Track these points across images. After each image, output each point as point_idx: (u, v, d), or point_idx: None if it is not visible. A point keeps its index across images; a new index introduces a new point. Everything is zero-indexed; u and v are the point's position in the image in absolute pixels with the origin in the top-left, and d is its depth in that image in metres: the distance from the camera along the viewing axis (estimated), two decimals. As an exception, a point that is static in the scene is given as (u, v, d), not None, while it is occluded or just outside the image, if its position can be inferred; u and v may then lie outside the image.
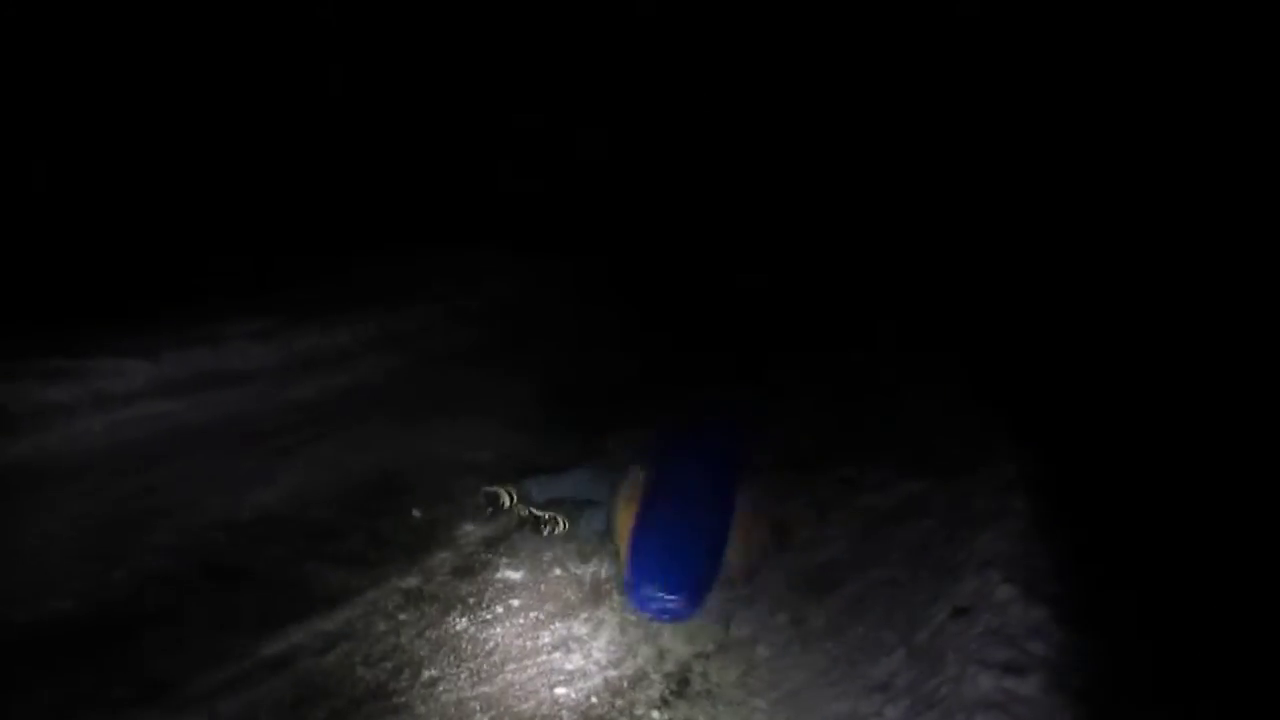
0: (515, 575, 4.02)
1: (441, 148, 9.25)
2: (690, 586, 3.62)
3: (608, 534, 4.16)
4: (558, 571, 4.08)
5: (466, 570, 4.03)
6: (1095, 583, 3.31)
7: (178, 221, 6.79)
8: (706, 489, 3.99)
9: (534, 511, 4.34)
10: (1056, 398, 5.42)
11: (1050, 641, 2.94)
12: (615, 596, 3.91)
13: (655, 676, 3.45)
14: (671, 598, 3.58)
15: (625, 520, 3.92)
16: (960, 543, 4.10)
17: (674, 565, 3.65)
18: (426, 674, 3.34)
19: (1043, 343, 6.13)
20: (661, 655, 3.58)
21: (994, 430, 5.27)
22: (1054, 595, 3.23)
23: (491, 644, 3.55)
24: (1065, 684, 2.70)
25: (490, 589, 3.91)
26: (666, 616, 3.64)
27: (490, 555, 4.16)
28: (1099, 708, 2.59)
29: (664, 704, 3.31)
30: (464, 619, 3.68)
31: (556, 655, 3.52)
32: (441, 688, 3.28)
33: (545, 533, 4.30)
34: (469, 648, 3.52)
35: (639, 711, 3.26)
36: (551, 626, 3.69)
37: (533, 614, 3.76)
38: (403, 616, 3.65)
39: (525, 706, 3.23)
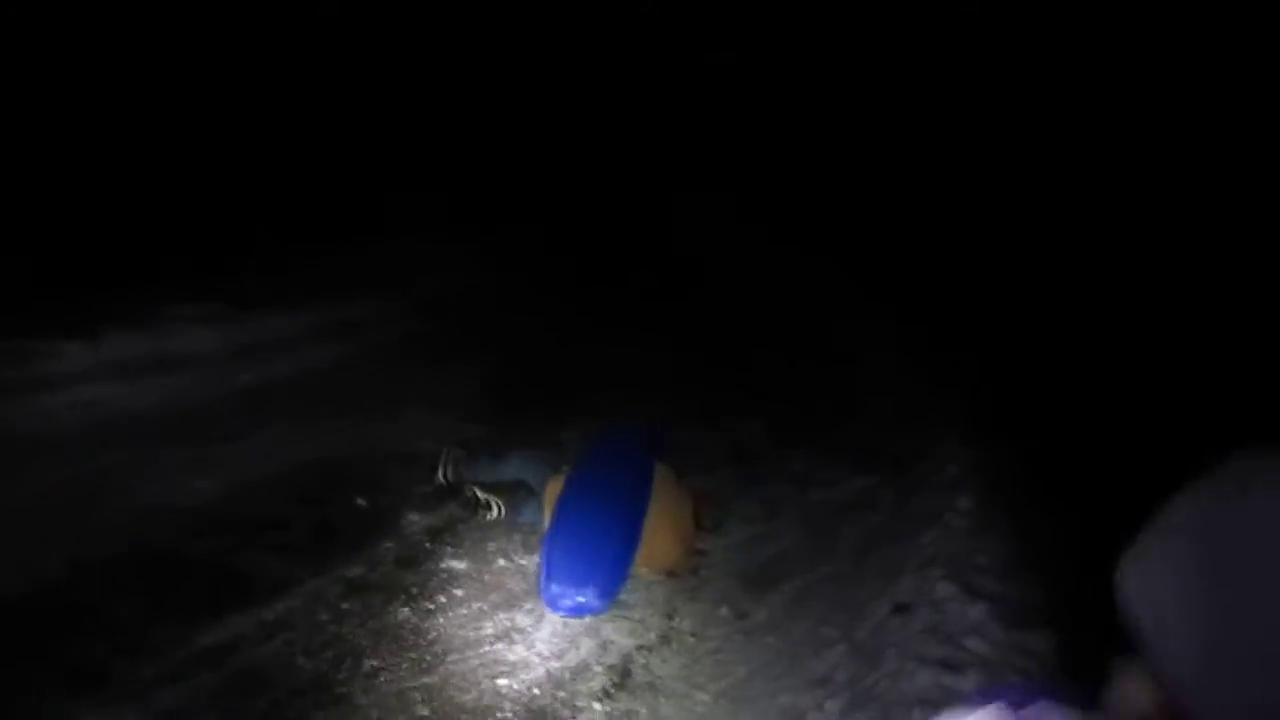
0: (459, 565, 4.02)
1: (396, 135, 9.16)
2: (598, 582, 3.63)
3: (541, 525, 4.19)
4: (501, 562, 4.08)
5: (410, 560, 4.01)
6: (1033, 582, 3.39)
7: (122, 203, 6.61)
8: (617, 487, 4.01)
9: (478, 493, 4.35)
10: (1005, 397, 5.51)
11: (987, 639, 3.01)
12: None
13: (598, 668, 3.47)
14: (580, 594, 3.61)
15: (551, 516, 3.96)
16: (904, 540, 4.18)
17: (581, 562, 3.67)
18: (368, 664, 3.33)
19: (997, 342, 6.22)
20: (604, 647, 3.60)
21: (943, 429, 5.37)
22: (992, 594, 3.30)
23: (434, 634, 3.55)
24: (1001, 681, 2.76)
25: (434, 579, 3.90)
26: (579, 613, 3.66)
27: (434, 545, 4.15)
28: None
29: (606, 696, 3.33)
30: (407, 609, 3.68)
31: (499, 646, 3.53)
32: (383, 678, 3.27)
33: (482, 516, 4.31)
34: (411, 638, 3.51)
35: (581, 703, 3.28)
36: (495, 617, 3.70)
37: (476, 604, 3.77)
38: (345, 606, 3.63)
39: (467, 697, 3.23)
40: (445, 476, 4.49)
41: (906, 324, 7.14)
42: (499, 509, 4.34)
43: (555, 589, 3.61)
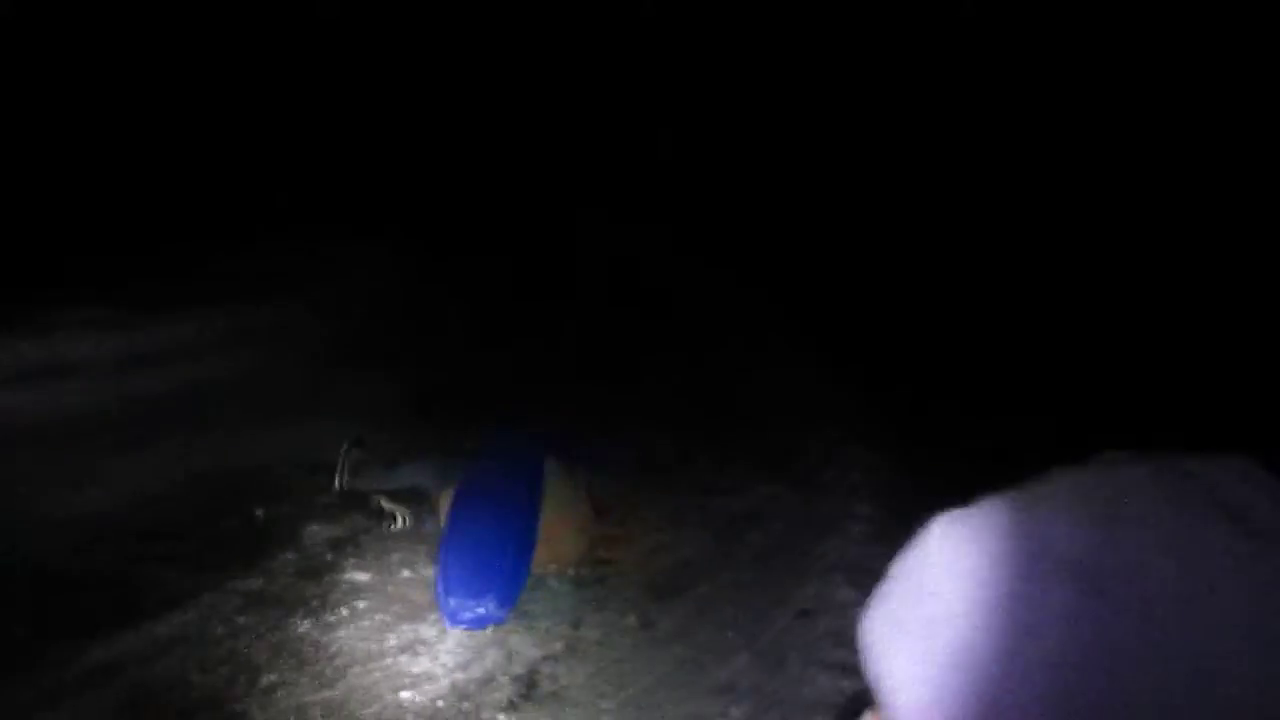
0: (361, 577, 3.94)
1: (312, 135, 8.98)
2: (497, 590, 3.60)
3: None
4: (405, 573, 4.02)
5: (311, 571, 3.93)
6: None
7: (9, 206, 6.34)
8: (509, 492, 3.97)
9: (383, 503, 4.30)
10: (902, 404, 5.65)
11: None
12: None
13: (503, 679, 3.45)
14: (480, 604, 3.57)
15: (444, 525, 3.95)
16: (806, 546, 4.26)
17: (476, 572, 3.62)
18: (265, 679, 3.25)
19: (895, 351, 6.38)
20: (510, 657, 3.58)
21: (842, 436, 5.48)
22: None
23: (335, 647, 3.48)
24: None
25: (335, 591, 3.83)
26: (480, 624, 3.62)
27: (336, 556, 4.07)
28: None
29: (511, 707, 3.31)
30: (307, 622, 3.60)
31: (403, 658, 3.48)
32: (281, 693, 3.19)
33: (387, 527, 4.26)
34: (311, 651, 3.44)
35: (486, 715, 3.26)
36: (398, 629, 3.64)
37: (379, 616, 3.70)
38: (241, 620, 3.54)
39: (369, 711, 3.18)
40: (341, 484, 4.42)
41: (805, 334, 7.28)
42: (404, 519, 4.29)
43: (453, 602, 3.56)
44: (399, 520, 4.27)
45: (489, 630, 3.69)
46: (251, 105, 8.47)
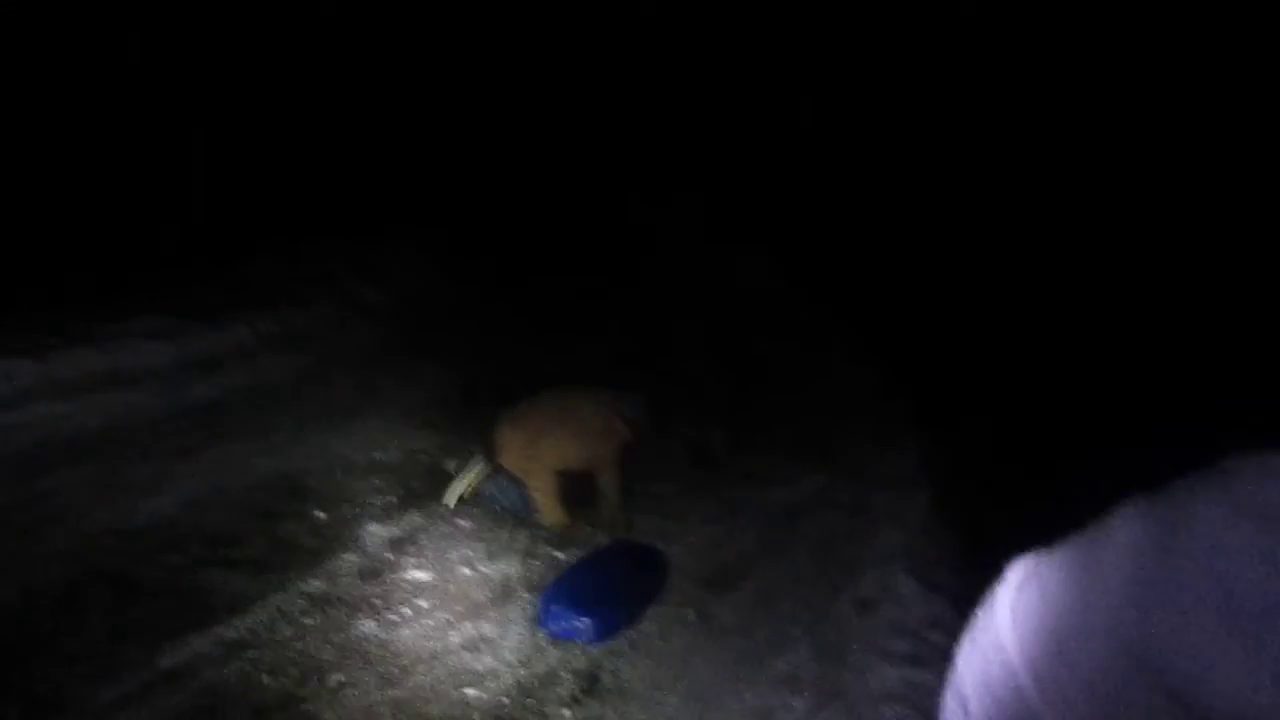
0: (422, 576, 4.00)
1: (344, 138, 9.06)
2: (600, 616, 3.68)
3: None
4: (465, 571, 4.06)
5: (372, 572, 3.98)
6: (991, 573, 3.44)
7: (65, 219, 6.47)
8: (637, 568, 4.15)
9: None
10: (957, 393, 5.60)
11: (950, 633, 3.06)
12: (523, 595, 3.92)
13: (565, 675, 3.48)
14: (578, 619, 3.65)
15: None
16: (863, 537, 4.25)
17: (590, 594, 3.75)
18: (333, 679, 3.30)
19: (947, 339, 6.31)
20: (571, 653, 3.61)
21: (895, 425, 5.44)
22: (951, 587, 3.36)
23: (400, 646, 3.53)
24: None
25: (397, 590, 3.88)
26: (569, 637, 3.67)
27: (396, 556, 4.12)
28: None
29: (574, 702, 3.34)
30: (371, 622, 3.65)
31: (467, 656, 3.52)
32: (349, 693, 3.25)
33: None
34: (377, 651, 3.49)
35: (550, 710, 3.29)
36: (460, 627, 3.69)
37: (441, 615, 3.75)
38: (308, 621, 3.60)
39: (436, 709, 3.22)
40: (461, 497, 4.52)
41: (858, 321, 7.22)
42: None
43: (555, 609, 3.68)
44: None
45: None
46: (283, 111, 8.54)
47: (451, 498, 4.49)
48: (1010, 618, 0.57)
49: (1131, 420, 4.55)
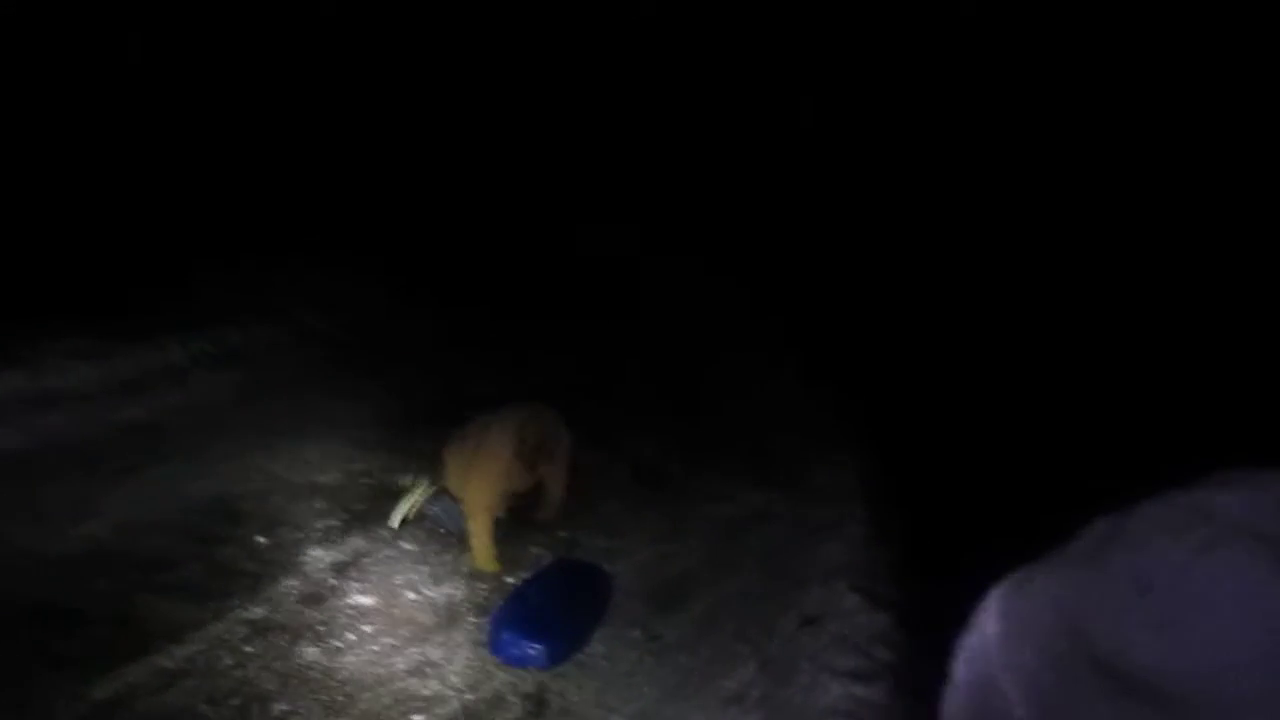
0: (366, 600, 3.94)
1: (283, 155, 8.92)
2: (548, 642, 3.66)
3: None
4: (410, 595, 4.02)
5: (315, 597, 3.91)
6: (933, 586, 3.50)
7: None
8: (583, 588, 4.15)
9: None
10: (893, 403, 5.69)
11: (893, 647, 3.11)
12: (470, 619, 3.89)
13: (513, 698, 3.46)
14: (530, 646, 3.63)
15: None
16: (807, 552, 4.29)
17: (539, 621, 3.73)
18: (276, 708, 3.24)
19: (881, 346, 6.42)
20: (519, 676, 3.59)
21: (834, 437, 5.51)
22: (895, 601, 3.41)
23: (344, 673, 3.47)
24: (908, 687, 2.85)
25: (341, 616, 3.82)
26: (520, 664, 3.66)
27: (340, 580, 4.05)
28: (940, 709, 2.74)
29: (523, 725, 3.32)
30: (314, 648, 3.59)
31: (413, 681, 3.48)
32: (293, 722, 3.18)
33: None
34: (321, 678, 3.43)
35: (498, 734, 3.26)
36: (406, 652, 3.64)
37: (386, 640, 3.70)
38: (249, 649, 3.52)
39: (381, 736, 3.17)
40: (404, 518, 4.45)
41: (791, 338, 7.32)
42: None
43: (506, 636, 3.65)
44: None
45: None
46: (221, 128, 8.40)
47: (396, 518, 4.44)
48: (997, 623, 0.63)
49: (1071, 432, 4.68)
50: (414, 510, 4.47)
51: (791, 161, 10.75)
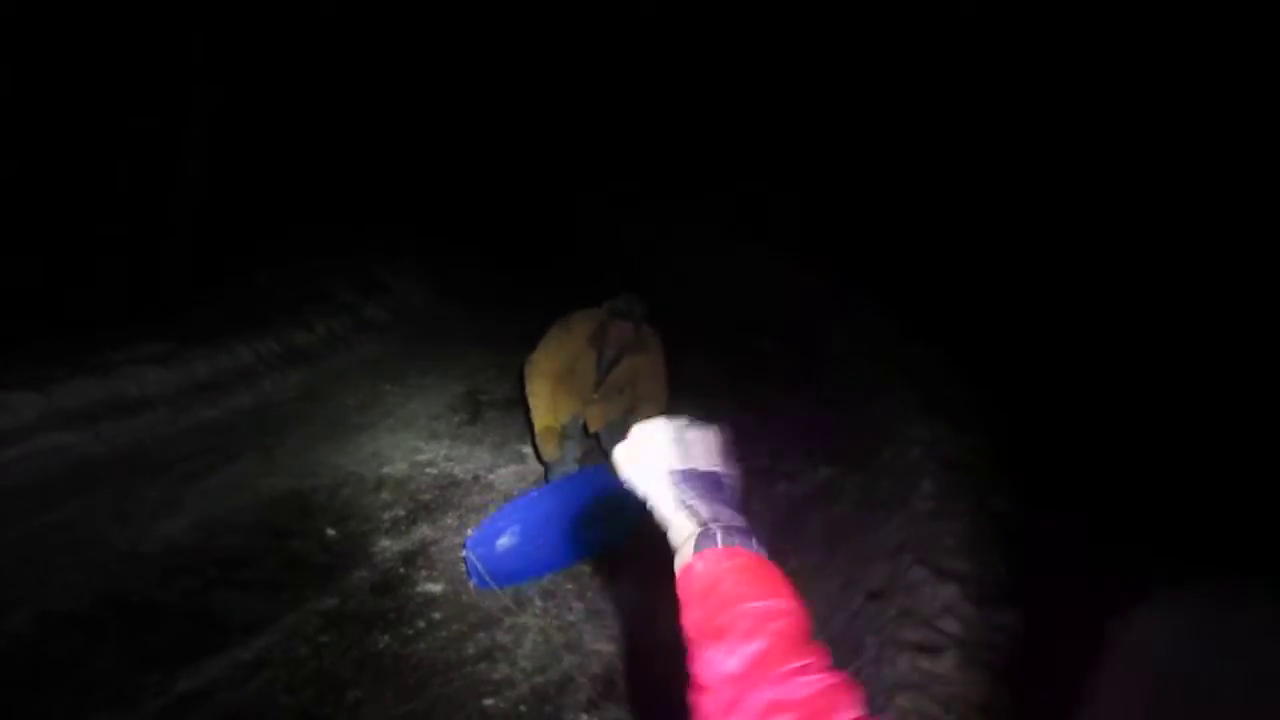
0: (435, 588, 4.00)
1: (333, 155, 9.06)
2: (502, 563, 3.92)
3: None
4: (477, 581, 4.06)
5: (385, 587, 3.99)
6: (998, 559, 3.45)
7: (56, 250, 6.43)
8: (584, 513, 4.22)
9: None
10: (958, 380, 5.59)
11: (961, 619, 3.06)
12: (537, 602, 3.94)
13: (582, 680, 3.49)
14: (479, 560, 3.90)
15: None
16: (872, 527, 4.24)
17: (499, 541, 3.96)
18: (351, 695, 3.31)
19: (943, 326, 6.30)
20: (587, 658, 3.62)
21: (898, 415, 5.43)
22: (961, 574, 3.36)
23: (416, 660, 3.54)
24: (976, 659, 2.81)
25: (410, 604, 3.89)
26: (476, 579, 3.92)
27: (408, 570, 4.13)
28: (1008, 680, 2.71)
29: (593, 706, 3.35)
30: (386, 636, 3.66)
31: (482, 666, 3.53)
32: (367, 709, 3.26)
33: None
34: (393, 665, 3.50)
35: (568, 716, 3.31)
36: (475, 637, 3.70)
37: (455, 626, 3.76)
38: (323, 639, 3.61)
39: (453, 720, 3.23)
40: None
41: (860, 312, 7.21)
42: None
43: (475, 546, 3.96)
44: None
45: (566, 633, 3.74)
46: (275, 133, 8.53)
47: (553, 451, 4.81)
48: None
49: (1137, 425, 4.56)
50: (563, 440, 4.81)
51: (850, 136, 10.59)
